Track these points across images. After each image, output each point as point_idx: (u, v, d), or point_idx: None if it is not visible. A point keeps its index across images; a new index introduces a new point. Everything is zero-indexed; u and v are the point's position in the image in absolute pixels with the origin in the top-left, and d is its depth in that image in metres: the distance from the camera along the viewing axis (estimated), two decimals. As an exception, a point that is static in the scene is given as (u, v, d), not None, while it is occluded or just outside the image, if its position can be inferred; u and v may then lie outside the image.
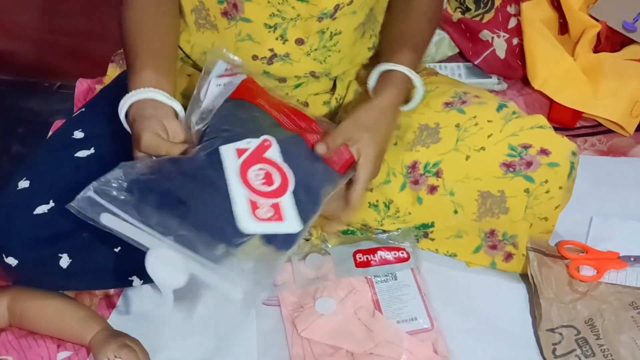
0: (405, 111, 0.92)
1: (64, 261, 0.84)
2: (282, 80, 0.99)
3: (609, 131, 1.21)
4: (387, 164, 0.93)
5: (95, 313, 0.88)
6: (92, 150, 0.90)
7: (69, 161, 0.88)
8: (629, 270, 0.91)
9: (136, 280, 0.91)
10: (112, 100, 1.00)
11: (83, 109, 0.99)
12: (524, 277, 0.95)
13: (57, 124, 1.02)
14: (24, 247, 0.84)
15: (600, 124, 1.22)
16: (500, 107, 0.93)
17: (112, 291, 0.95)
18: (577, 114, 1.21)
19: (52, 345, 0.86)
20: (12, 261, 0.84)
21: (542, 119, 0.92)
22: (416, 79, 0.89)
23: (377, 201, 0.95)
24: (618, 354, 0.81)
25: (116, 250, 0.87)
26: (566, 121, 1.21)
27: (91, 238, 0.86)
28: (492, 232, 0.94)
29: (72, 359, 0.86)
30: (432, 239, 0.98)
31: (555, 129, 0.91)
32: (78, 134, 0.91)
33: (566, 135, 0.91)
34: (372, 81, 0.91)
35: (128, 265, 0.89)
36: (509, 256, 0.95)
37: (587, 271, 0.92)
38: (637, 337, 0.83)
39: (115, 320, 0.90)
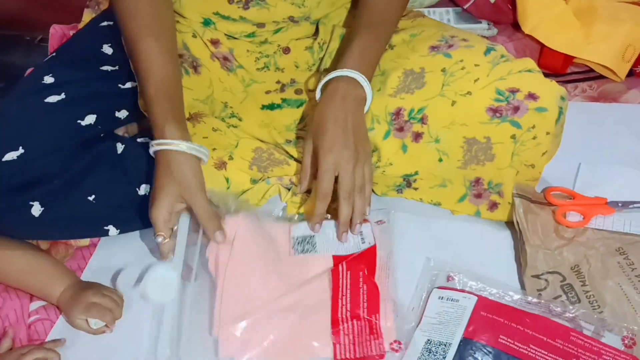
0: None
1: (36, 209, 0.82)
2: (260, 25, 0.95)
3: (600, 77, 1.18)
4: (370, 111, 0.90)
5: (64, 268, 0.87)
6: (62, 96, 0.87)
7: (38, 107, 0.85)
8: (616, 215, 0.90)
9: (112, 230, 0.89)
10: (83, 45, 0.96)
11: (54, 54, 0.95)
12: (510, 224, 0.93)
13: (30, 71, 0.98)
14: None
15: (591, 70, 1.19)
16: (488, 51, 0.90)
17: (88, 241, 0.93)
18: (568, 59, 1.18)
19: (25, 297, 0.85)
20: None
21: (530, 62, 0.89)
22: (364, 81, 0.87)
23: (360, 149, 0.92)
24: (603, 299, 0.80)
25: (90, 198, 0.85)
26: (557, 67, 1.18)
27: (63, 185, 0.84)
28: (477, 181, 0.92)
29: (46, 309, 0.85)
30: (416, 188, 0.95)
31: (546, 74, 0.89)
32: (48, 79, 0.88)
33: (556, 81, 0.88)
34: (318, 94, 0.90)
35: (103, 214, 0.87)
36: (493, 205, 0.93)
37: (573, 217, 0.90)
38: (622, 282, 0.81)
39: (91, 271, 0.89)
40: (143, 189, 0.89)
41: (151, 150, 0.83)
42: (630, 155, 1.03)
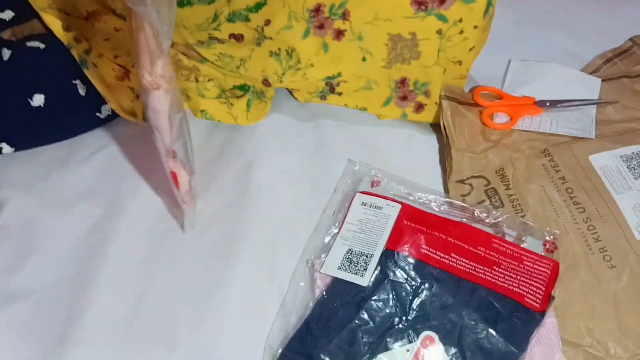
0: None
1: None
2: None
3: (533, -35, 1.12)
4: (287, 6, 0.83)
5: None
6: None
7: None
8: (543, 115, 0.87)
9: (6, 147, 0.81)
10: None
11: None
12: (436, 127, 0.89)
13: None
14: None
15: (524, -42, 1.12)
16: None
17: (-20, 159, 0.85)
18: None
19: None
20: None
21: (459, -50, 0.82)
22: None
23: (279, 49, 0.85)
24: (526, 203, 0.78)
25: (-23, 113, 0.77)
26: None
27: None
28: (402, 81, 0.87)
29: None
30: (340, 93, 0.90)
31: (475, -38, 0.82)
32: None
33: (487, -31, 0.82)
34: None
35: (-7, 130, 0.79)
36: (420, 107, 0.89)
37: (500, 118, 0.87)
38: (546, 185, 0.79)
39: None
40: (37, 100, 0.80)
41: None
42: (562, 50, 1.00)
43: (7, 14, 0.82)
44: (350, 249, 0.74)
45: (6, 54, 0.80)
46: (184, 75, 0.89)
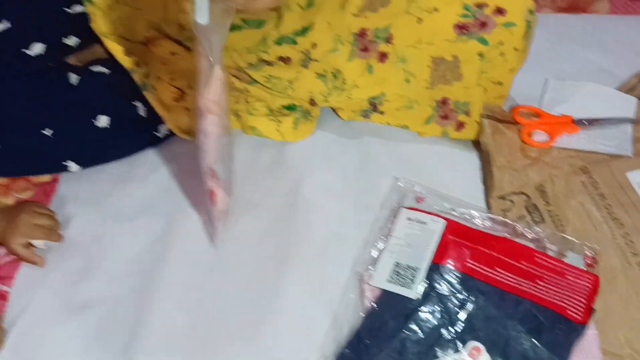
0: None
1: None
2: None
3: (569, -15, 1.15)
4: (333, 30, 0.87)
5: None
6: (6, 24, 0.81)
7: None
8: (581, 133, 0.90)
9: (72, 166, 0.86)
10: None
11: None
12: (477, 144, 0.93)
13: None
14: None
15: (560, -22, 1.15)
16: (453, -36, 0.86)
17: (48, 177, 0.90)
18: (538, -32, 1.14)
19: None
20: None
21: (498, -24, 0.85)
22: None
23: (324, 71, 0.89)
24: (567, 219, 0.81)
25: (45, 132, 0.82)
26: (525, -24, 1.14)
27: (16, 120, 0.81)
28: (444, 101, 0.90)
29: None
30: (382, 112, 0.94)
31: (513, -16, 0.85)
32: None
33: (524, -9, 0.85)
34: None
35: (61, 149, 0.85)
36: (460, 125, 0.92)
37: (539, 136, 0.90)
38: (585, 201, 0.82)
39: (55, 207, 0.87)
40: (102, 121, 0.85)
41: None
42: (598, 69, 1.02)
43: (73, 40, 0.88)
44: (397, 262, 0.78)
45: (74, 78, 0.85)
46: (235, 97, 0.94)
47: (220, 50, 0.67)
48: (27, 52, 0.82)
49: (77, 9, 0.87)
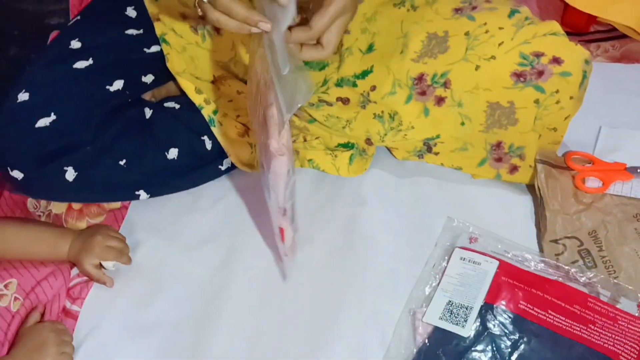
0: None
1: (70, 174, 0.85)
2: None
3: (623, 36, 1.16)
4: (392, 74, 0.90)
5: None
6: (90, 62, 0.87)
7: (67, 73, 0.86)
8: (634, 181, 0.91)
9: (143, 194, 0.91)
10: (107, 7, 0.96)
11: (79, 17, 0.95)
12: (530, 188, 0.94)
13: (54, 34, 0.99)
14: (29, 161, 0.84)
15: (614, 29, 1.17)
16: (512, 13, 0.89)
17: (119, 204, 0.95)
18: (592, 18, 1.16)
19: (34, 269, 0.84)
20: (17, 174, 0.84)
21: (555, 26, 0.88)
22: None
23: (382, 112, 0.93)
24: (619, 265, 0.82)
25: (121, 163, 0.87)
26: (580, 25, 1.17)
27: (96, 151, 0.86)
28: (498, 145, 0.93)
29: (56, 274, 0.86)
30: (437, 153, 0.97)
31: (568, 33, 0.88)
32: (75, 44, 0.89)
33: (579, 41, 0.88)
34: None
35: (134, 178, 0.90)
36: (514, 168, 0.94)
37: (592, 183, 0.91)
38: (638, 248, 0.83)
39: (124, 233, 0.91)
40: (172, 153, 0.91)
41: None
42: (650, 117, 1.04)
43: (149, 78, 0.94)
44: (450, 301, 0.80)
45: (148, 113, 0.91)
46: (294, 136, 0.98)
47: (292, 101, 0.70)
48: (109, 88, 0.88)
49: (154, 49, 0.93)
